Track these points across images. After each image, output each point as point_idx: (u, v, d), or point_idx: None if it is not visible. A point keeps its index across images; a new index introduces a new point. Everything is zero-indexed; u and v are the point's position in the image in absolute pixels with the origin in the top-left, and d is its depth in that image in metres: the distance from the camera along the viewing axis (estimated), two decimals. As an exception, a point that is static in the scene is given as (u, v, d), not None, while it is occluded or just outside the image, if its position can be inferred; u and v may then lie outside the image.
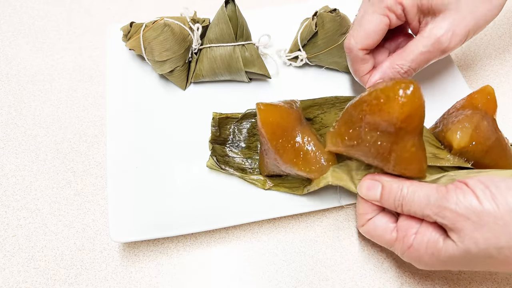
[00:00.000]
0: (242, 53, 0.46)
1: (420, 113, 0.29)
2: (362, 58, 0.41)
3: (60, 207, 0.42)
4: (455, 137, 0.34)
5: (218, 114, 0.42)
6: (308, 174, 0.36)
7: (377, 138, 0.31)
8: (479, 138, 0.33)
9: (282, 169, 0.38)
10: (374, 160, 0.33)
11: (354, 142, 0.32)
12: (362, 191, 0.35)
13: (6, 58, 0.53)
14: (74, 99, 0.49)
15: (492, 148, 0.34)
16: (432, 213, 0.30)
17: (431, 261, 0.31)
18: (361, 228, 0.36)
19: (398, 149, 0.31)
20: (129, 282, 0.38)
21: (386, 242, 0.34)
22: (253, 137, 0.43)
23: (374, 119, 0.30)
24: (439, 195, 0.30)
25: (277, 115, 0.36)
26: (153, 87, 0.48)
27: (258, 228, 0.40)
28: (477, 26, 0.38)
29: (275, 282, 0.37)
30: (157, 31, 0.44)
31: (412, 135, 0.30)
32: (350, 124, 0.32)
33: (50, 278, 0.38)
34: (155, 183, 0.41)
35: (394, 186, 0.32)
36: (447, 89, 0.47)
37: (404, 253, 0.32)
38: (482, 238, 0.27)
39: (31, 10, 0.58)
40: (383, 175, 0.34)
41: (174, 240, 0.40)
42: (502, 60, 0.52)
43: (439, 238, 0.30)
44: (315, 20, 0.45)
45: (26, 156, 0.45)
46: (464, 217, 0.28)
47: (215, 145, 0.42)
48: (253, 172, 0.41)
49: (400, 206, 0.32)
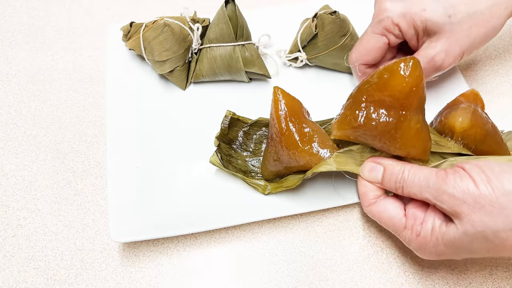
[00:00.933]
0: (242, 53, 0.46)
1: (421, 88, 0.31)
2: (363, 72, 0.45)
3: (60, 207, 0.42)
4: (457, 119, 0.35)
5: (232, 113, 0.42)
6: (308, 159, 0.36)
7: (383, 115, 0.32)
8: (477, 122, 0.35)
9: (284, 158, 0.37)
10: (381, 140, 0.33)
11: (361, 122, 0.33)
12: (364, 173, 0.36)
13: (6, 58, 0.53)
14: (74, 99, 0.49)
15: (489, 134, 0.35)
16: (431, 196, 0.31)
17: (436, 247, 0.31)
18: (367, 208, 0.36)
19: (404, 126, 0.32)
20: (129, 282, 0.38)
21: (394, 226, 0.34)
22: (259, 144, 0.43)
23: (379, 96, 0.32)
24: (438, 179, 0.30)
25: (292, 99, 0.37)
26: (153, 87, 0.48)
27: (258, 228, 0.40)
28: (472, 47, 0.40)
29: (275, 282, 0.37)
30: (157, 31, 0.44)
31: (416, 111, 0.32)
32: (355, 106, 0.34)
33: (50, 278, 0.38)
34: (155, 183, 0.41)
35: (396, 168, 0.33)
36: (447, 89, 0.47)
37: (412, 241, 0.33)
38: (480, 221, 0.28)
39: (31, 10, 0.58)
40: (385, 158, 0.35)
41: (174, 240, 0.40)
42: (502, 60, 0.52)
43: (442, 223, 0.31)
44: (315, 22, 0.45)
45: (26, 156, 0.45)
46: (461, 200, 0.29)
47: (221, 143, 0.41)
48: (254, 176, 0.41)
49: (401, 188, 0.33)
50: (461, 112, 0.35)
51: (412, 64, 0.30)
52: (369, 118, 0.33)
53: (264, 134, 0.43)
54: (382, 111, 0.32)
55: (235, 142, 0.43)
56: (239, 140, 0.43)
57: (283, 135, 0.36)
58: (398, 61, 0.31)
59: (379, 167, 0.35)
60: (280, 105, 0.36)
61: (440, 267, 0.38)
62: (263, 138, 0.43)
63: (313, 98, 0.46)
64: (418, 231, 0.32)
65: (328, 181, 0.40)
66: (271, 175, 0.40)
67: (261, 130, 0.43)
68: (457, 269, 0.38)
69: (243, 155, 0.42)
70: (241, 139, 0.43)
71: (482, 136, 0.35)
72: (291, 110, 0.36)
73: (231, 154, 0.42)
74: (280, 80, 0.49)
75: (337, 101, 0.42)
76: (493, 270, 0.38)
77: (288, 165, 0.38)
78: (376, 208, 0.35)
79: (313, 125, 0.37)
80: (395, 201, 0.35)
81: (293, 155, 0.36)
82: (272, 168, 0.39)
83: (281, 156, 0.37)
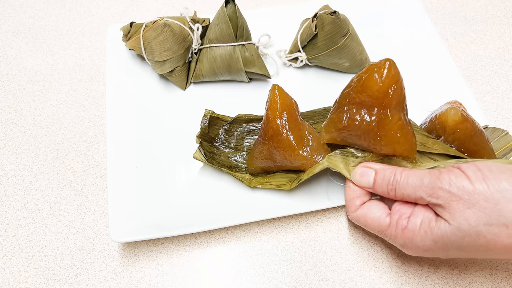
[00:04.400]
0: (242, 53, 0.46)
1: (398, 87, 0.32)
2: None
3: (60, 207, 0.42)
4: (449, 114, 0.36)
5: (211, 112, 0.42)
6: (303, 162, 0.37)
7: (365, 115, 0.34)
8: (466, 117, 0.36)
9: (277, 158, 0.38)
10: (366, 139, 0.34)
11: (345, 123, 0.35)
12: (355, 178, 0.36)
13: (6, 58, 0.53)
14: (74, 99, 0.49)
15: (478, 132, 0.37)
16: (426, 194, 0.31)
17: (423, 240, 0.31)
18: (352, 213, 0.36)
19: (386, 124, 0.33)
20: (129, 282, 0.38)
21: (378, 227, 0.34)
22: (241, 140, 0.43)
23: (360, 97, 0.33)
24: (432, 177, 0.31)
25: (289, 99, 0.37)
26: (153, 87, 0.48)
27: (258, 228, 0.40)
28: None
29: (275, 282, 0.37)
30: (157, 31, 0.44)
31: (396, 109, 0.33)
32: (339, 110, 0.35)
33: (50, 278, 0.38)
34: (155, 183, 0.41)
35: (388, 172, 0.34)
36: (447, 89, 0.47)
37: (398, 236, 0.33)
38: (474, 216, 0.28)
39: (31, 10, 0.58)
40: (376, 163, 0.35)
41: (174, 240, 0.40)
42: (502, 60, 0.52)
43: (432, 217, 0.31)
44: (314, 22, 0.45)
45: (26, 156, 0.45)
46: (457, 196, 0.29)
47: (203, 142, 0.42)
48: (239, 171, 0.41)
49: (393, 191, 0.33)
50: (452, 108, 0.37)
51: (388, 65, 0.32)
52: (352, 119, 0.34)
53: (245, 130, 0.44)
54: (364, 111, 0.34)
55: (217, 140, 0.43)
56: (221, 138, 0.43)
57: (279, 135, 0.36)
58: (375, 63, 0.33)
59: (370, 171, 0.35)
60: (278, 104, 0.36)
61: (440, 267, 0.38)
62: (244, 134, 0.44)
63: (313, 98, 0.46)
64: (404, 225, 0.32)
65: (327, 182, 0.40)
66: (257, 170, 0.40)
67: (241, 127, 0.44)
68: (457, 269, 0.38)
69: (225, 152, 0.43)
70: (222, 137, 0.43)
71: (472, 132, 0.36)
72: (289, 111, 0.37)
73: (213, 151, 0.42)
74: (280, 80, 0.49)
75: (337, 101, 0.43)
76: (493, 270, 0.38)
77: (281, 164, 0.38)
78: (361, 212, 0.36)
79: (308, 127, 0.38)
80: (379, 202, 0.36)
81: (289, 156, 0.37)
82: (261, 165, 0.39)
83: (275, 155, 0.37)
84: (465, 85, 0.47)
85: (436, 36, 0.51)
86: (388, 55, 0.50)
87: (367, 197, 0.36)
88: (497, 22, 0.56)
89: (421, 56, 0.50)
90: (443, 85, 0.47)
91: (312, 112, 0.44)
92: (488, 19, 0.57)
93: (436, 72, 0.49)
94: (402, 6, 0.55)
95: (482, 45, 0.54)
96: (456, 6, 0.58)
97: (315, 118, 0.43)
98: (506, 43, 0.54)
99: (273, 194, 0.40)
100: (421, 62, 0.50)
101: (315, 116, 0.44)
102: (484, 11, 0.58)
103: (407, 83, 0.48)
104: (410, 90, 0.47)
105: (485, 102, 0.49)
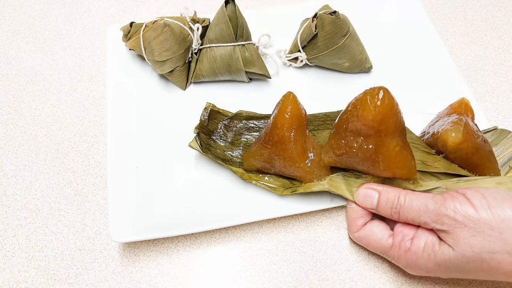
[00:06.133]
0: (242, 53, 0.46)
1: (393, 114, 0.32)
2: None
3: (60, 207, 0.42)
4: (449, 135, 0.36)
5: (211, 105, 0.42)
6: (302, 175, 0.37)
7: (362, 142, 0.34)
8: (469, 136, 0.35)
9: (277, 164, 0.38)
10: (365, 165, 0.34)
11: (343, 150, 0.35)
12: (359, 199, 0.36)
13: (6, 58, 0.53)
14: (74, 99, 0.49)
15: (480, 147, 0.36)
16: (430, 220, 0.31)
17: (426, 263, 0.32)
18: (354, 233, 0.37)
19: (383, 150, 0.33)
20: (129, 282, 0.38)
21: (381, 248, 0.35)
22: (239, 135, 0.44)
23: (355, 126, 0.33)
24: (436, 204, 0.31)
25: (300, 110, 0.37)
26: (153, 87, 0.48)
27: (258, 228, 0.40)
28: None
29: (275, 282, 0.37)
30: (157, 31, 0.44)
31: (393, 135, 0.33)
32: (338, 136, 0.35)
33: (50, 278, 0.38)
34: (155, 183, 0.41)
35: (391, 194, 0.34)
36: (447, 89, 0.47)
37: (401, 257, 0.33)
38: (478, 244, 0.29)
39: (31, 10, 0.58)
40: (379, 184, 0.36)
41: (174, 240, 0.40)
42: (502, 60, 0.52)
43: (436, 241, 0.31)
44: (315, 22, 0.45)
45: (26, 156, 0.45)
46: (462, 224, 0.29)
47: (201, 133, 0.42)
48: (233, 165, 0.42)
49: (397, 214, 0.34)
50: (454, 127, 0.36)
51: (382, 95, 0.32)
52: (350, 146, 0.34)
53: (244, 127, 0.44)
54: (361, 139, 0.34)
55: (215, 134, 0.43)
56: (219, 132, 0.43)
57: (284, 144, 0.36)
58: (368, 91, 0.33)
59: (374, 193, 0.35)
60: (289, 113, 0.36)
61: (440, 267, 0.38)
62: (243, 131, 0.44)
63: (313, 98, 0.46)
64: (407, 247, 0.33)
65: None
66: (252, 168, 0.41)
67: (241, 123, 0.44)
68: (457, 269, 0.38)
69: (221, 146, 0.43)
70: (221, 131, 0.43)
71: (474, 150, 0.36)
72: (299, 123, 0.37)
73: (210, 143, 0.42)
74: (280, 80, 0.49)
75: (337, 101, 0.43)
76: (493, 270, 0.38)
77: (279, 170, 0.39)
78: (363, 233, 0.36)
79: (313, 141, 0.38)
80: (381, 223, 0.36)
81: (289, 166, 0.37)
82: (258, 165, 0.40)
83: (275, 161, 0.38)
84: (465, 85, 0.47)
85: (436, 36, 0.51)
86: (388, 55, 0.51)
87: (369, 217, 0.37)
88: (497, 22, 0.56)
89: (421, 56, 0.50)
90: (443, 85, 0.47)
91: (313, 116, 0.43)
92: (488, 19, 0.57)
93: (436, 72, 0.49)
94: (402, 6, 0.55)
95: (482, 45, 0.54)
96: (456, 6, 0.58)
97: (316, 123, 0.43)
98: (506, 43, 0.54)
99: (273, 194, 0.40)
100: (421, 62, 0.50)
101: (316, 120, 0.43)
102: (484, 11, 0.58)
103: (407, 83, 0.48)
104: (410, 90, 0.47)
105: (485, 102, 0.49)
